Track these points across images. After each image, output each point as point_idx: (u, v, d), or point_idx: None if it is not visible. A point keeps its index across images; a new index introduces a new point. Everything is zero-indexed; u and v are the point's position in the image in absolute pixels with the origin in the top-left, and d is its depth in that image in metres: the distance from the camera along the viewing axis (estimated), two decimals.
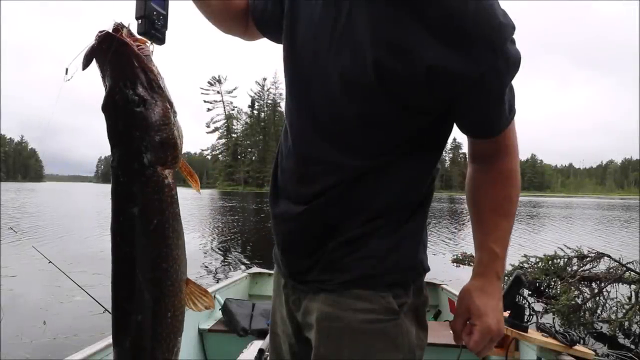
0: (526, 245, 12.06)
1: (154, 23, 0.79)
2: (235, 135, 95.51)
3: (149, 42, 0.77)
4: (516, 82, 0.83)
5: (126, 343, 0.75)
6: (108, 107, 0.71)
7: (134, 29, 0.74)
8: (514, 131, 0.90)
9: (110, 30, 0.69)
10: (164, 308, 0.75)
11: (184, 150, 0.79)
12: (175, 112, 0.75)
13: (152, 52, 0.75)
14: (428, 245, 0.98)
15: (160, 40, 0.80)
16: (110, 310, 0.77)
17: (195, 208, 23.23)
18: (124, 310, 0.75)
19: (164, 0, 0.82)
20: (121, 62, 0.70)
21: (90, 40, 0.70)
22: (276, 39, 1.01)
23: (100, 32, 0.69)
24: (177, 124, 0.76)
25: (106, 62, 0.70)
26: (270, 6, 1.00)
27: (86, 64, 0.70)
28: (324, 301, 0.89)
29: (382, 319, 0.86)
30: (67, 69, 0.70)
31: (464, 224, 20.41)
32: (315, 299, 0.91)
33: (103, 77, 0.71)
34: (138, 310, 0.74)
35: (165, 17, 0.82)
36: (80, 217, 18.06)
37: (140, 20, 0.78)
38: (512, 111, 0.86)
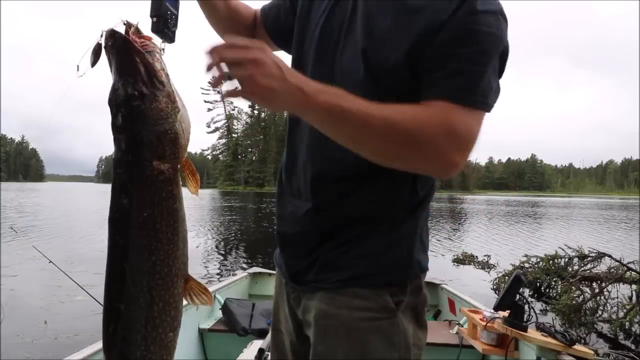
0: (527, 245, 12.06)
1: (167, 22, 0.80)
2: (235, 135, 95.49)
3: (161, 40, 0.79)
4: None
5: (110, 330, 0.77)
6: (110, 101, 0.73)
7: (142, 26, 0.76)
8: (477, 131, 0.77)
9: (119, 28, 0.72)
10: (150, 301, 0.75)
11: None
12: (177, 108, 0.76)
13: (163, 50, 0.78)
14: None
15: (171, 39, 0.82)
16: None
17: (195, 208, 23.24)
18: (110, 297, 0.76)
19: (176, 1, 0.84)
20: (122, 58, 0.72)
21: (95, 38, 0.73)
22: (289, 49, 1.03)
23: (106, 29, 0.71)
24: (182, 119, 0.76)
25: (110, 58, 0.72)
26: (283, 15, 1.05)
27: (94, 61, 0.73)
28: (321, 299, 0.90)
29: (378, 317, 0.86)
30: (78, 66, 0.72)
31: (463, 224, 20.41)
32: (314, 297, 0.92)
33: (111, 72, 0.74)
34: (121, 300, 0.75)
35: (176, 17, 0.84)
36: (81, 217, 18.07)
37: (155, 19, 0.79)
38: (487, 100, 0.78)
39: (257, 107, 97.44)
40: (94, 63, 0.74)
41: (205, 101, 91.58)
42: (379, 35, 0.82)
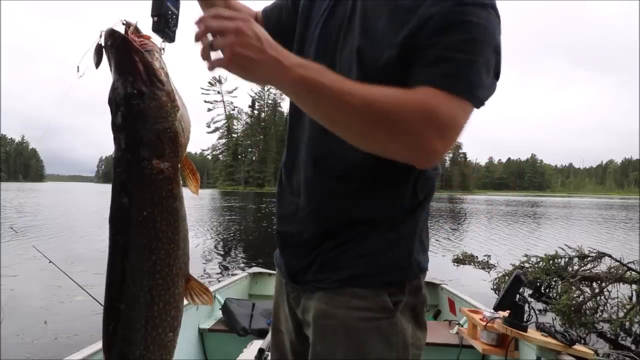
0: (527, 244, 12.05)
1: (168, 21, 0.80)
2: (235, 135, 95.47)
3: (161, 39, 0.80)
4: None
5: (110, 329, 0.77)
6: (110, 100, 0.74)
7: (142, 26, 0.77)
8: (461, 121, 0.75)
9: (118, 28, 0.72)
10: (150, 300, 0.75)
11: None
12: (176, 107, 0.75)
13: (164, 49, 0.78)
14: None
15: (171, 38, 0.82)
16: None
17: (195, 208, 23.24)
18: (110, 296, 0.76)
19: (177, 1, 0.84)
20: (121, 57, 0.72)
21: (94, 39, 0.73)
22: (291, 50, 1.03)
23: (105, 29, 0.71)
24: (181, 117, 0.76)
25: (110, 58, 0.73)
26: (285, 15, 1.05)
27: (97, 61, 0.73)
28: (320, 299, 0.91)
29: (376, 317, 0.86)
30: (78, 67, 0.72)
31: (464, 224, 20.41)
32: (313, 297, 0.92)
33: (111, 72, 0.74)
34: (122, 299, 0.75)
35: (177, 17, 0.84)
36: (81, 217, 18.07)
37: (156, 18, 0.80)
38: (475, 91, 0.76)
39: (257, 107, 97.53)
40: (97, 64, 0.74)
41: (205, 101, 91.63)
42: (374, 34, 0.83)
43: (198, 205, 25.08)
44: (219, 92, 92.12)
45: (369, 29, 0.84)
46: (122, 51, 0.71)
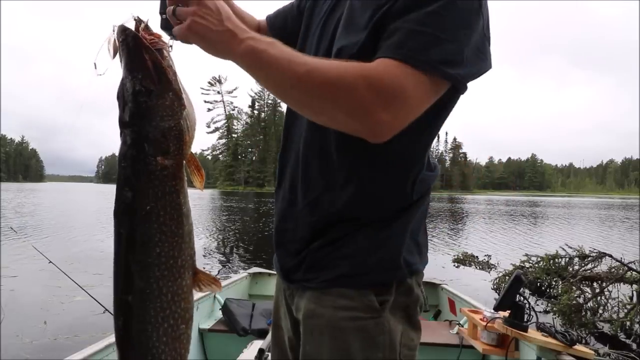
0: (527, 244, 12.06)
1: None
2: (235, 135, 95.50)
3: (169, 37, 0.80)
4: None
5: (120, 322, 0.77)
6: (118, 96, 0.75)
7: (151, 24, 0.77)
8: (413, 91, 0.71)
9: (129, 24, 0.73)
10: (157, 292, 0.75)
11: None
12: (183, 105, 0.76)
13: (172, 47, 0.79)
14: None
15: None
16: (110, 311, 0.78)
17: (195, 208, 23.24)
18: (117, 289, 0.77)
19: None
20: (131, 54, 0.73)
21: (107, 33, 0.74)
22: None
23: (118, 25, 0.73)
24: (187, 116, 0.77)
25: (121, 54, 0.74)
26: (290, 22, 1.07)
27: (113, 54, 0.74)
28: (309, 298, 0.91)
29: (362, 317, 0.86)
30: (95, 64, 0.74)
31: (464, 224, 20.40)
32: (303, 296, 0.93)
33: (121, 67, 0.75)
34: (128, 291, 0.75)
35: None
36: (81, 217, 18.06)
37: (164, 16, 0.80)
38: (438, 66, 0.71)
39: (256, 107, 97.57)
40: (114, 56, 0.75)
41: (205, 101, 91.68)
42: (354, 31, 0.83)
43: (198, 206, 25.10)
44: (218, 92, 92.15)
45: (353, 28, 0.84)
46: (133, 48, 0.72)
